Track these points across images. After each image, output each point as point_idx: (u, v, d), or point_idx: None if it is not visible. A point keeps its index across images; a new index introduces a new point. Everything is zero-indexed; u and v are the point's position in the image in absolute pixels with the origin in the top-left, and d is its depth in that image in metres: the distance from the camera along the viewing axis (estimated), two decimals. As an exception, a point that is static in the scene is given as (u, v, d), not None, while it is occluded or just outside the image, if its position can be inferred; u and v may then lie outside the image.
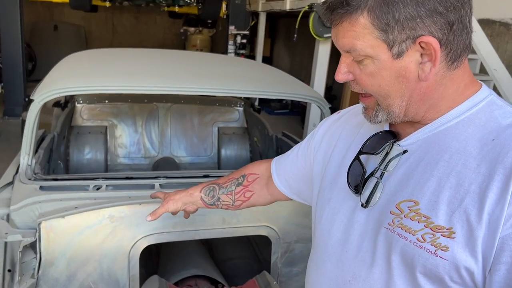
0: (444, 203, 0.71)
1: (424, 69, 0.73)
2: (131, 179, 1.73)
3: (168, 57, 2.84)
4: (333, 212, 0.90)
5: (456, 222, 0.69)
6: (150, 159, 3.25)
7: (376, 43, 0.72)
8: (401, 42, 0.71)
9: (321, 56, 5.27)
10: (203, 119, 3.36)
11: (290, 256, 1.78)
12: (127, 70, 2.18)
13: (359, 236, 0.83)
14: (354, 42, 0.73)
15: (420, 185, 0.75)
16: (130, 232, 1.53)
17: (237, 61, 3.23)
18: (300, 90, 2.25)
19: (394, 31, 0.70)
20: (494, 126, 0.73)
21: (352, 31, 0.73)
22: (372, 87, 0.77)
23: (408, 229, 0.74)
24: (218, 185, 1.23)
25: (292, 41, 6.09)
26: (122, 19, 10.84)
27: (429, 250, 0.71)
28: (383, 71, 0.74)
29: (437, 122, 0.77)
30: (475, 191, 0.69)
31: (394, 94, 0.76)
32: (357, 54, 0.74)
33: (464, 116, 0.75)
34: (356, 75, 0.78)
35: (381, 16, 0.70)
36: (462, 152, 0.73)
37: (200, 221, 1.64)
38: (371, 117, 0.81)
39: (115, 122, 3.20)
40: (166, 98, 3.27)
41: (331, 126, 1.03)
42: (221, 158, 3.31)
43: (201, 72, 2.34)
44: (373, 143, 0.84)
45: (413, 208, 0.74)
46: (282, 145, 2.75)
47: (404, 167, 0.79)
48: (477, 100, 0.76)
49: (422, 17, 0.69)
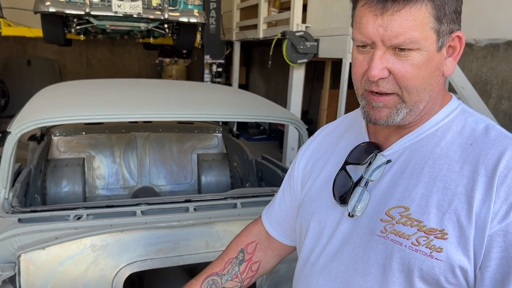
0: (433, 206, 0.74)
1: (447, 63, 0.77)
2: (112, 207, 1.71)
3: (145, 86, 2.86)
4: (318, 226, 0.91)
5: (448, 224, 0.72)
6: (129, 189, 3.21)
7: (429, 34, 0.73)
8: (445, 35, 0.74)
9: (295, 81, 5.38)
10: (182, 146, 3.36)
11: (275, 277, 1.77)
12: (105, 99, 2.19)
13: (348, 246, 0.84)
14: (412, 34, 0.71)
15: (408, 191, 0.77)
16: (112, 260, 1.51)
17: (213, 87, 3.27)
18: (277, 112, 2.29)
19: (445, 23, 0.73)
20: (470, 131, 0.78)
21: (411, 21, 0.71)
22: (416, 79, 0.74)
23: (402, 234, 0.75)
24: (217, 275, 1.08)
25: (267, 68, 6.21)
26: (96, 52, 10.84)
27: (424, 253, 0.72)
28: (428, 63, 0.74)
29: (420, 130, 0.81)
30: (462, 192, 0.72)
31: (428, 87, 0.76)
32: (411, 46, 0.72)
33: (442, 123, 0.80)
34: (397, 69, 0.74)
35: (441, 5, 0.72)
36: (444, 157, 0.76)
37: (183, 246, 1.63)
38: (389, 116, 0.78)
39: (93, 154, 3.17)
40: (144, 127, 3.27)
41: (307, 149, 1.05)
42: (202, 184, 3.30)
43: (179, 99, 2.37)
44: (357, 154, 0.86)
45: (404, 214, 0.76)
46: (262, 168, 2.77)
47: (389, 175, 0.81)
48: (451, 108, 0.81)
49: (458, 13, 0.74)
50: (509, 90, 3.74)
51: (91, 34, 6.39)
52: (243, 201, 1.85)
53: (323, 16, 4.95)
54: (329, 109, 5.79)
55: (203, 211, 1.74)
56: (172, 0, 5.31)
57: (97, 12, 4.95)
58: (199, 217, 1.68)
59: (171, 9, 5.24)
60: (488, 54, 3.94)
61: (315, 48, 4.96)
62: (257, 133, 8.02)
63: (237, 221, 1.70)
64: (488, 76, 3.95)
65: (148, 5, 5.14)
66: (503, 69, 3.79)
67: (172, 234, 1.61)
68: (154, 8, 5.19)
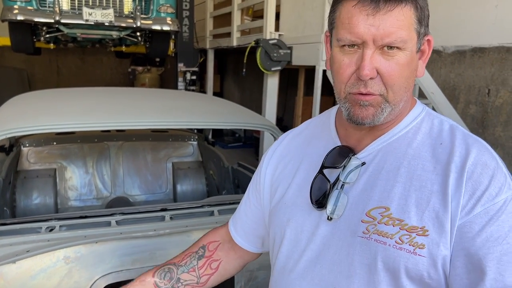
0: (413, 205, 0.77)
1: (418, 66, 0.82)
2: (86, 217, 1.67)
3: (118, 94, 2.82)
4: (295, 232, 0.90)
5: (428, 221, 0.75)
6: (102, 200, 3.15)
7: (413, 35, 0.77)
8: (422, 37, 0.79)
9: (270, 89, 5.41)
10: (157, 155, 3.32)
11: (254, 284, 1.76)
12: (76, 108, 2.15)
13: (330, 249, 0.84)
14: (401, 33, 0.74)
15: (386, 191, 0.80)
16: (87, 272, 1.47)
17: (188, 95, 3.26)
18: (252, 119, 2.30)
19: (423, 26, 0.78)
20: (437, 132, 0.82)
21: (401, 21, 0.74)
22: (401, 78, 0.77)
23: (385, 234, 0.77)
24: (174, 264, 1.08)
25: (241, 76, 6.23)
26: (67, 61, 10.63)
27: (408, 250, 0.75)
28: (411, 63, 0.78)
29: (391, 133, 0.84)
30: (438, 190, 0.76)
31: (409, 87, 0.81)
32: (400, 44, 0.75)
33: (411, 125, 0.84)
34: (385, 68, 0.76)
35: (422, 8, 0.77)
36: (418, 157, 0.80)
37: (160, 255, 1.60)
38: (374, 115, 0.79)
39: (65, 164, 3.09)
40: (117, 136, 3.21)
41: (273, 155, 1.03)
42: (177, 193, 3.26)
43: (152, 107, 2.34)
44: (332, 158, 0.88)
45: (385, 214, 0.78)
46: (238, 176, 2.77)
47: (364, 177, 0.83)
48: (418, 111, 0.86)
49: (428, 17, 0.79)
50: (475, 95, 3.87)
51: (61, 43, 6.26)
52: (220, 208, 1.84)
53: (296, 24, 5.01)
54: (303, 115, 5.84)
55: (180, 220, 1.72)
56: (144, 8, 5.27)
57: (67, 20, 4.86)
58: (175, 226, 1.66)
59: (143, 17, 5.19)
60: (455, 60, 4.07)
61: (288, 56, 5.01)
62: (232, 140, 8.01)
63: (214, 229, 1.69)
64: (456, 82, 4.07)
65: (120, 13, 5.08)
66: (470, 75, 3.92)
67: (148, 243, 1.59)
68: (126, 16, 5.14)
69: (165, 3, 5.37)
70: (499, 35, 3.63)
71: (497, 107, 3.69)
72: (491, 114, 3.73)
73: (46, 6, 4.92)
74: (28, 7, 4.79)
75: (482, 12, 3.77)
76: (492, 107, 3.73)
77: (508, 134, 3.59)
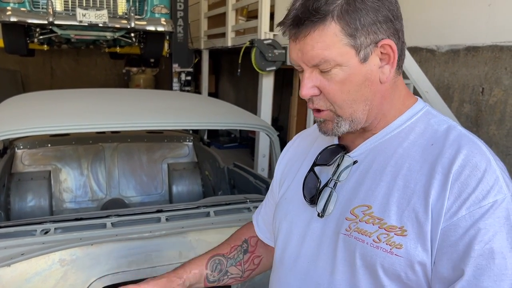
0: (394, 204, 0.76)
1: (384, 71, 0.79)
2: (81, 220, 1.67)
3: (112, 95, 2.81)
4: (290, 226, 0.93)
5: (407, 221, 0.74)
6: (98, 202, 3.13)
7: (345, 50, 0.75)
8: (367, 46, 0.75)
9: (265, 89, 5.41)
10: (152, 156, 3.31)
11: (250, 285, 1.76)
12: (71, 110, 2.14)
13: (318, 245, 0.86)
14: (324, 53, 0.74)
15: (371, 190, 0.80)
16: (83, 275, 1.47)
17: (183, 96, 3.25)
18: (248, 119, 2.30)
19: (361, 36, 0.74)
20: (431, 132, 0.80)
21: (321, 42, 0.74)
22: (342, 94, 0.78)
23: (364, 232, 0.78)
24: (224, 256, 1.09)
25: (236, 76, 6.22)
26: (61, 62, 10.58)
27: (385, 250, 0.75)
28: (352, 76, 0.77)
29: (383, 132, 0.84)
30: (420, 190, 0.75)
31: (360, 98, 0.79)
32: (327, 65, 0.75)
33: (405, 125, 0.83)
34: (324, 86, 0.78)
35: (350, 21, 0.73)
36: (406, 157, 0.79)
37: (156, 257, 1.60)
38: (333, 129, 0.83)
39: (59, 166, 3.08)
40: (112, 137, 3.20)
41: (286, 154, 1.08)
42: (173, 194, 3.26)
43: (147, 108, 2.34)
44: (325, 156, 0.89)
45: (367, 212, 0.79)
46: (234, 176, 2.76)
47: (355, 175, 0.84)
48: (415, 110, 0.84)
49: (380, 23, 0.75)
50: (469, 94, 3.89)
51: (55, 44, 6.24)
52: (216, 209, 1.83)
53: (290, 24, 5.00)
54: (298, 115, 5.85)
55: (175, 221, 1.72)
56: (138, 9, 5.26)
57: (61, 21, 4.83)
58: (171, 227, 1.65)
59: (137, 17, 5.18)
60: (449, 59, 4.09)
61: (283, 56, 5.01)
62: (228, 141, 8.00)
63: (210, 230, 1.69)
64: (450, 81, 4.09)
65: (114, 14, 5.06)
66: (464, 74, 3.94)
67: (144, 245, 1.58)
68: (120, 17, 5.12)
69: (159, 3, 5.36)
70: (493, 34, 3.65)
71: (491, 106, 3.71)
72: (485, 113, 3.75)
73: (39, 7, 4.89)
74: (21, 9, 4.77)
75: (475, 11, 3.79)
76: (486, 106, 3.75)
77: (502, 132, 3.61)
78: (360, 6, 0.73)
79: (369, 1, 0.74)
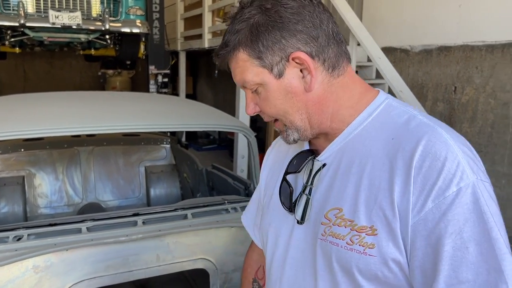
0: (362, 204, 0.76)
1: (306, 81, 0.81)
2: (56, 225, 1.63)
3: (88, 98, 2.76)
4: (275, 234, 0.94)
5: (376, 220, 0.74)
6: (74, 207, 3.07)
7: (258, 70, 0.81)
8: (277, 63, 0.80)
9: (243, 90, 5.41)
10: (129, 159, 3.27)
11: (229, 286, 1.76)
12: (45, 113, 2.09)
13: (301, 252, 0.86)
14: (242, 76, 0.83)
15: (341, 192, 0.80)
16: (58, 281, 1.44)
17: (159, 98, 3.22)
18: (225, 121, 2.29)
19: (267, 56, 0.80)
20: (392, 126, 0.79)
21: (238, 67, 0.83)
22: (271, 109, 0.84)
23: (337, 235, 0.78)
24: None
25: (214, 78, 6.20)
26: (34, 65, 10.35)
27: (358, 251, 0.75)
28: (273, 92, 0.82)
29: (345, 133, 0.84)
30: (384, 187, 0.74)
31: (291, 110, 0.83)
32: (249, 85, 0.83)
33: (366, 122, 0.82)
34: (258, 104, 0.86)
35: (253, 46, 0.80)
36: (368, 155, 0.79)
37: (133, 261, 1.58)
38: (285, 138, 0.88)
39: (33, 171, 3.01)
40: (87, 141, 3.15)
41: (267, 161, 1.09)
42: (151, 198, 3.22)
43: (123, 110, 2.31)
44: (296, 162, 0.90)
45: (339, 215, 0.79)
46: (213, 178, 2.75)
47: (326, 179, 0.84)
48: (375, 105, 0.83)
49: (286, 38, 0.79)
50: (443, 92, 3.98)
51: (28, 47, 6.10)
52: (194, 211, 1.83)
53: (267, 25, 5.02)
54: (276, 116, 5.86)
55: (152, 224, 1.70)
56: (113, 11, 5.19)
57: (33, 23, 4.74)
58: (148, 231, 1.64)
59: (112, 19, 5.11)
60: (423, 59, 4.17)
61: (260, 57, 5.02)
62: (206, 142, 7.97)
63: (188, 232, 1.68)
64: (424, 80, 4.17)
65: (88, 16, 4.99)
66: (437, 73, 4.02)
67: (121, 249, 1.56)
68: (94, 19, 5.05)
69: (134, 5, 5.31)
70: (464, 34, 3.74)
71: (463, 104, 3.80)
72: (458, 111, 3.85)
73: (10, 9, 4.78)
74: (-9, 10, 4.65)
75: (447, 12, 3.88)
76: (458, 104, 3.84)
77: (474, 130, 3.71)
78: (262, 30, 0.79)
79: (272, 21, 0.78)
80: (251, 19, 0.80)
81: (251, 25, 0.80)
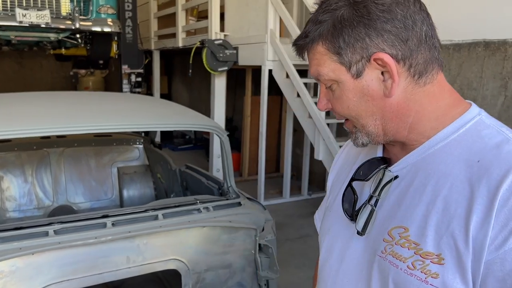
0: (432, 228, 0.70)
1: (386, 85, 0.74)
2: (21, 229, 1.59)
3: (58, 98, 2.70)
4: (332, 241, 0.89)
5: (445, 248, 0.68)
6: (44, 209, 3.01)
7: (336, 66, 0.76)
8: (357, 62, 0.74)
9: (218, 89, 5.40)
10: (101, 160, 3.22)
11: (202, 286, 1.75)
12: (12, 114, 2.03)
13: (357, 265, 0.82)
14: (318, 69, 0.78)
15: (410, 211, 0.74)
16: (24, 286, 1.40)
17: (132, 97, 3.18)
18: (197, 120, 2.28)
19: (347, 53, 0.74)
20: (480, 147, 0.71)
21: (315, 59, 0.79)
22: (343, 110, 0.79)
23: (398, 256, 0.73)
24: None
25: (189, 77, 6.16)
26: (3, 65, 10.06)
27: (419, 278, 0.69)
28: (347, 92, 0.77)
29: (426, 146, 0.76)
30: (461, 215, 0.67)
31: (365, 113, 0.77)
32: (323, 79, 0.79)
33: (451, 137, 0.74)
34: (331, 102, 0.81)
35: (333, 41, 0.75)
36: (448, 175, 0.71)
37: (102, 263, 1.56)
38: (354, 140, 0.82)
39: (1, 174, 2.93)
40: (57, 142, 3.08)
41: (336, 163, 1.04)
42: (124, 199, 3.18)
43: (94, 110, 2.27)
44: (365, 169, 0.84)
45: (403, 235, 0.73)
46: (186, 177, 2.74)
47: (395, 193, 0.78)
48: (464, 120, 0.75)
49: (371, 37, 0.72)
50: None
51: (-5, 46, 5.93)
52: (165, 212, 1.81)
53: (240, 24, 5.02)
54: (252, 115, 5.87)
55: (122, 226, 1.68)
56: (83, 9, 5.09)
57: (-1, 22, 4.60)
58: (118, 232, 1.62)
59: (82, 18, 5.01)
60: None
61: (234, 56, 5.02)
62: (182, 142, 7.91)
63: (159, 233, 1.67)
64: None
65: (57, 14, 4.87)
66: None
67: (90, 252, 1.54)
68: (64, 18, 4.94)
69: (105, 4, 5.22)
70: (432, 33, 3.82)
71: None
72: (428, 108, 3.92)
73: (-25, 8, 4.63)
74: (-46, 9, 4.50)
75: (416, 12, 3.94)
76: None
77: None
78: (346, 24, 0.73)
79: (359, 16, 0.73)
80: (336, 11, 0.74)
81: (335, 18, 0.74)
